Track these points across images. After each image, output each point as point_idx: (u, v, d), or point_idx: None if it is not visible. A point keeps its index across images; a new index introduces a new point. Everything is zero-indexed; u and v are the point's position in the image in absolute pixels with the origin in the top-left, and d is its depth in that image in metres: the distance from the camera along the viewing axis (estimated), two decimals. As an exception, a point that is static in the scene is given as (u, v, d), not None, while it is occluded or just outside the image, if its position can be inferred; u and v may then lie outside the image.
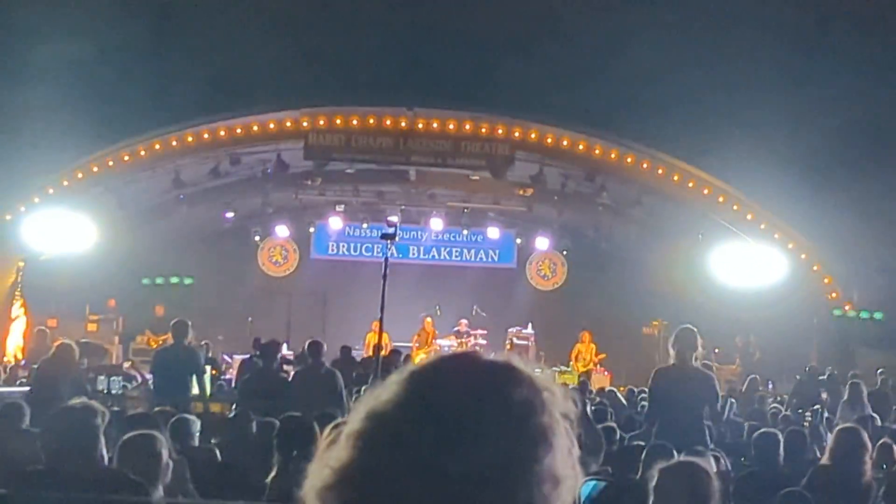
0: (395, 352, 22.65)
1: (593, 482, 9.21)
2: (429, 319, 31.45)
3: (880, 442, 11.03)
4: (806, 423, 18.29)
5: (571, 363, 31.28)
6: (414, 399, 1.79)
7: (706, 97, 25.03)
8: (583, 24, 26.18)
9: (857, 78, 25.08)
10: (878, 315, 28.10)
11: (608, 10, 26.06)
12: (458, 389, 1.79)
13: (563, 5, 26.63)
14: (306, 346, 16.90)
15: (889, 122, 25.52)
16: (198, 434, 10.12)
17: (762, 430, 11.72)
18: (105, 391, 17.42)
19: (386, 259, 15.07)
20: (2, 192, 25.89)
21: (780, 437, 11.17)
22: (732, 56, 25.25)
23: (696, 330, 12.84)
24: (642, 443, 11.21)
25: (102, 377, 17.81)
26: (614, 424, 13.06)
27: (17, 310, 27.60)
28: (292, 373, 18.57)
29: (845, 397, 19.47)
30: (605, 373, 31.17)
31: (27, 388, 16.00)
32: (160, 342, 28.54)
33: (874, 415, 17.74)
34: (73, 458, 6.31)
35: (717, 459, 11.47)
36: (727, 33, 25.26)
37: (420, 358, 28.22)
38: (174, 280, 32.21)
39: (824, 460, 9.52)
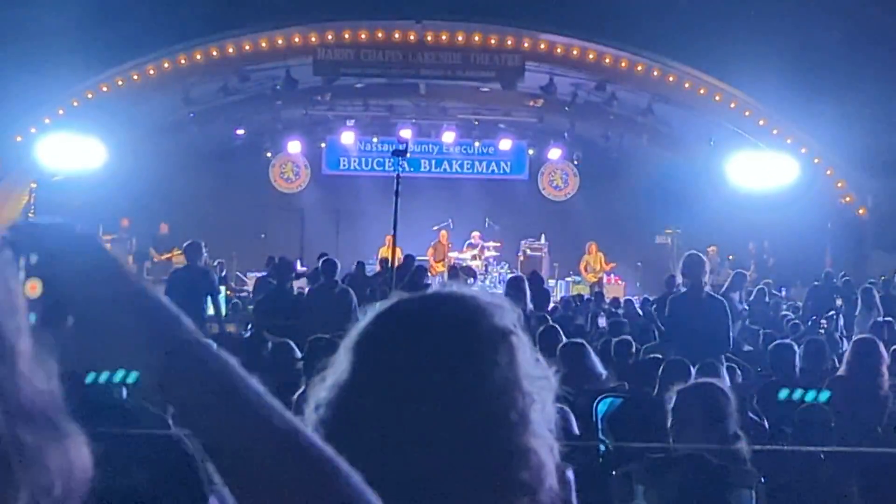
0: (408, 257, 22.59)
1: (609, 398, 9.25)
2: (444, 232, 31.50)
3: (894, 348, 11.03)
4: (821, 332, 18.37)
5: (582, 274, 31.37)
6: (388, 333, 1.96)
7: (716, 4, 24.85)
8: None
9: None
10: None
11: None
12: (429, 321, 1.95)
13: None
14: (319, 265, 16.93)
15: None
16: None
17: (777, 341, 11.75)
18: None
19: (398, 175, 15.04)
20: (13, 114, 25.83)
21: (796, 347, 11.20)
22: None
23: (703, 256, 12.95)
24: (659, 355, 11.26)
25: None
26: (629, 338, 13.06)
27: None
28: (306, 291, 18.63)
29: (859, 305, 19.54)
30: (620, 282, 31.26)
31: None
32: (163, 259, 28.70)
33: (890, 319, 17.78)
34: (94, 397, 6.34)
35: (732, 371, 11.55)
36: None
37: (437, 268, 28.29)
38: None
39: (841, 371, 9.55)
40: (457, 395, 1.86)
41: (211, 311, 15.57)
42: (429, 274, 24.63)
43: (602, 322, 19.48)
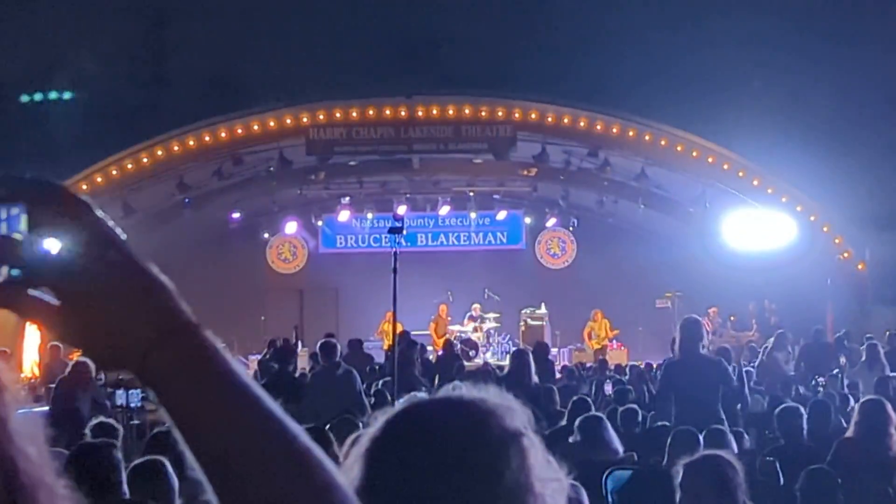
0: (412, 343, 22.54)
1: (618, 471, 9.17)
2: (443, 306, 31.44)
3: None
4: (820, 389, 18.26)
5: (585, 342, 31.28)
6: (399, 440, 1.97)
7: (704, 66, 24.99)
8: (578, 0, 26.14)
9: (854, 38, 25.01)
10: None
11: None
12: (440, 428, 1.96)
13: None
14: (318, 348, 16.84)
15: (889, 78, 25.47)
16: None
17: (784, 405, 11.68)
18: (124, 405, 17.41)
19: (395, 252, 15.00)
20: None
21: (803, 410, 11.14)
22: (726, 23, 25.19)
23: (700, 319, 12.94)
24: (666, 423, 11.22)
25: (121, 391, 17.79)
26: (636, 406, 13.01)
27: (31, 326, 27.55)
28: (309, 374, 18.54)
29: (863, 358, 19.42)
30: (622, 348, 31.16)
31: (47, 408, 16.00)
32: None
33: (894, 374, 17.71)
34: (94, 497, 6.29)
35: (739, 436, 11.47)
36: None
37: (440, 343, 28.19)
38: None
39: (849, 433, 9.49)
40: (470, 501, 1.87)
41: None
42: (429, 348, 24.57)
43: (608, 389, 19.40)
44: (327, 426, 9.13)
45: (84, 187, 27.05)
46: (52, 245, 1.35)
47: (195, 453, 1.37)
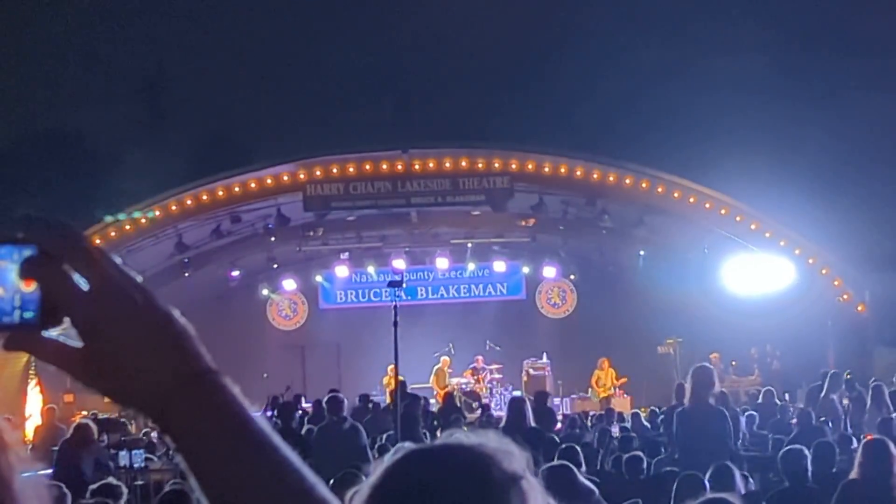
0: (415, 398, 22.44)
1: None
2: (445, 359, 31.37)
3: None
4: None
5: (591, 389, 31.19)
6: (399, 488, 1.94)
7: (699, 113, 25.12)
8: (573, 52, 26.26)
9: (850, 80, 25.13)
10: None
11: (596, 36, 26.14)
12: (440, 473, 1.93)
13: (548, 35, 26.70)
14: (325, 403, 16.78)
15: (883, 119, 25.56)
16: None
17: (788, 447, 11.65)
18: (127, 466, 17.38)
19: (395, 306, 15.04)
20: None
21: (807, 451, 11.10)
22: (720, 70, 25.31)
23: (711, 367, 12.94)
24: (674, 469, 11.19)
25: (124, 452, 17.76)
26: (641, 453, 12.97)
27: (33, 388, 27.55)
28: (315, 430, 18.47)
29: (868, 402, 19.35)
30: (625, 396, 31.06)
31: (49, 471, 15.95)
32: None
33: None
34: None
35: (745, 479, 11.44)
36: (715, 47, 25.33)
37: (442, 395, 28.07)
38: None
39: (853, 475, 9.46)
40: None
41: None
42: (431, 401, 24.50)
43: (615, 431, 19.43)
44: (332, 480, 9.11)
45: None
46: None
47: (210, 498, 1.38)
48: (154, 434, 22.67)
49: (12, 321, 1.37)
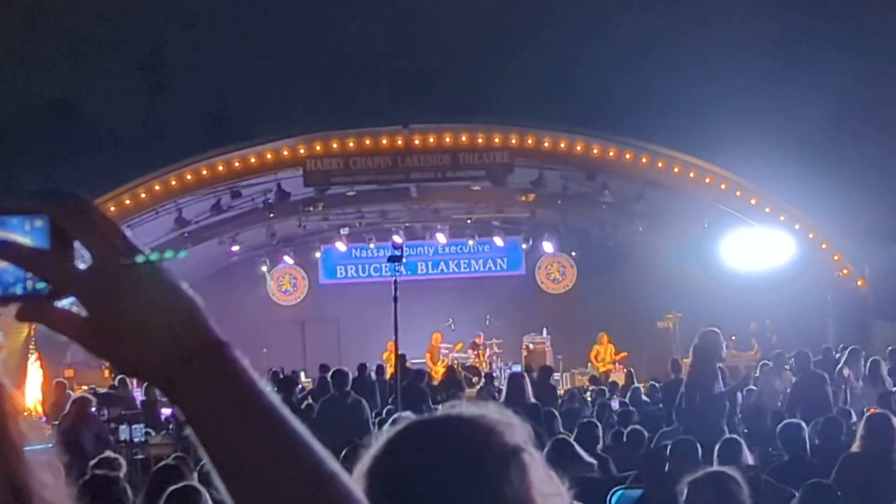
0: (419, 373, 22.44)
1: (620, 491, 9.19)
2: (436, 335, 31.42)
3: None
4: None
5: (591, 364, 31.23)
6: (400, 459, 1.96)
7: (699, 87, 25.07)
8: (571, 26, 26.20)
9: (849, 52, 25.07)
10: None
11: (593, 10, 26.07)
12: (441, 445, 1.96)
13: (548, 10, 26.64)
14: (330, 377, 16.81)
15: (882, 95, 25.52)
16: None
17: (786, 421, 11.67)
18: (128, 440, 17.42)
19: (395, 281, 15.04)
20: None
21: (805, 426, 11.14)
22: (720, 42, 25.26)
23: (719, 332, 12.99)
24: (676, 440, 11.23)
25: (124, 426, 17.80)
26: (640, 427, 13.00)
27: (34, 363, 27.56)
28: (316, 405, 18.50)
29: (866, 374, 19.40)
30: (622, 370, 31.10)
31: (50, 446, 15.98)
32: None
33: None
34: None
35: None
36: (714, 20, 25.27)
37: (437, 370, 28.10)
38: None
39: (855, 448, 9.48)
40: None
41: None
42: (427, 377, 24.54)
43: (615, 405, 19.48)
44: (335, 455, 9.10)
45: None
46: (80, 258, 1.37)
47: (220, 471, 1.37)
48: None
49: (24, 291, 1.37)
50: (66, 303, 1.38)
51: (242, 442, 1.36)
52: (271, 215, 30.01)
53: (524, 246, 34.48)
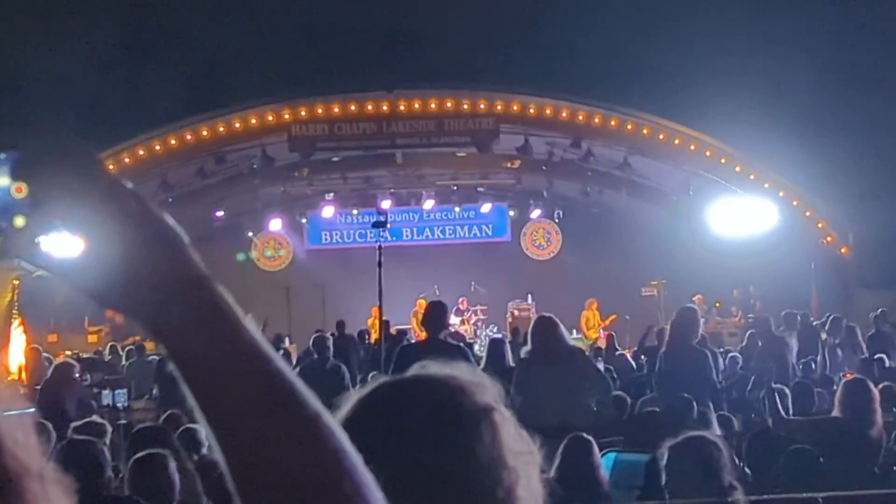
0: (403, 333, 22.51)
1: (613, 454, 9.24)
2: (421, 301, 31.41)
3: (882, 386, 11.01)
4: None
5: (582, 329, 31.23)
6: (370, 420, 1.94)
7: (684, 54, 24.99)
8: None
9: (833, 18, 25.06)
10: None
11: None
12: (411, 405, 1.96)
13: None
14: (311, 343, 16.84)
15: (867, 59, 25.51)
16: (208, 443, 10.05)
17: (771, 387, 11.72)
18: (111, 405, 17.40)
19: (380, 246, 15.03)
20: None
21: (787, 391, 11.21)
22: (705, 10, 25.20)
23: (696, 309, 13.07)
24: (656, 409, 11.29)
25: (107, 391, 17.78)
26: (622, 393, 13.06)
27: (17, 328, 27.50)
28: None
29: (843, 338, 19.56)
30: (606, 336, 31.18)
31: (32, 410, 15.97)
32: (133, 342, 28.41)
33: (883, 356, 17.79)
34: (80, 495, 6.29)
35: (728, 420, 11.56)
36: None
37: (424, 336, 28.13)
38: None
39: (835, 412, 9.53)
40: (443, 477, 1.87)
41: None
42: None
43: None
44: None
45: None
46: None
47: (203, 409, 1.36)
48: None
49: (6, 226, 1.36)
50: (48, 239, 1.37)
51: (227, 376, 1.35)
52: (256, 181, 29.96)
53: (510, 212, 34.49)
